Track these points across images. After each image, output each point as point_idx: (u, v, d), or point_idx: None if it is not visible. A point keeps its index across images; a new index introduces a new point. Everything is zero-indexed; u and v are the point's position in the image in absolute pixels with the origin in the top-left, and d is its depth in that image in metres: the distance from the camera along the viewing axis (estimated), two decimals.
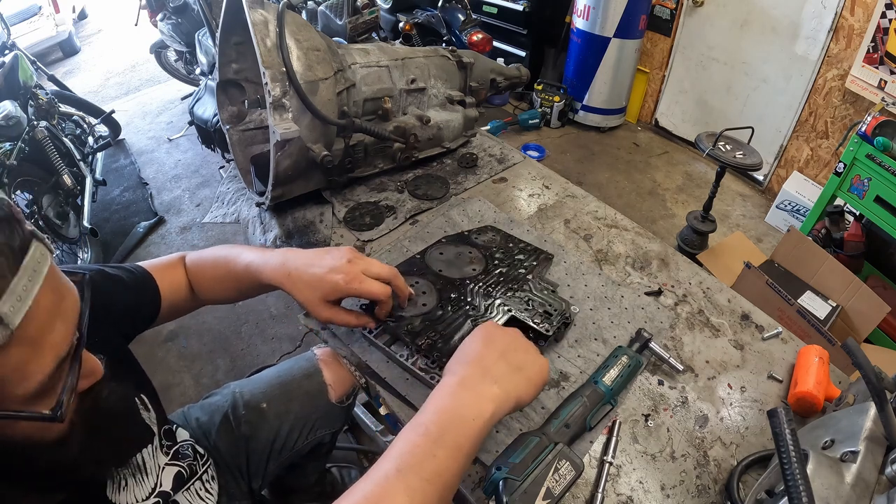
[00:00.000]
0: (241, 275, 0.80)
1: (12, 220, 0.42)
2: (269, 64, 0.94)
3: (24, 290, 0.41)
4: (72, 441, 0.52)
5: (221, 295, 0.87)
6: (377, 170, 1.24)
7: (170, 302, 0.82)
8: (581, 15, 3.43)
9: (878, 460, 0.57)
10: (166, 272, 0.82)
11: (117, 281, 0.74)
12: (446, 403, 0.55)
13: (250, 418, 0.99)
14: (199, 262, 0.85)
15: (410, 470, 0.49)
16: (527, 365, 0.62)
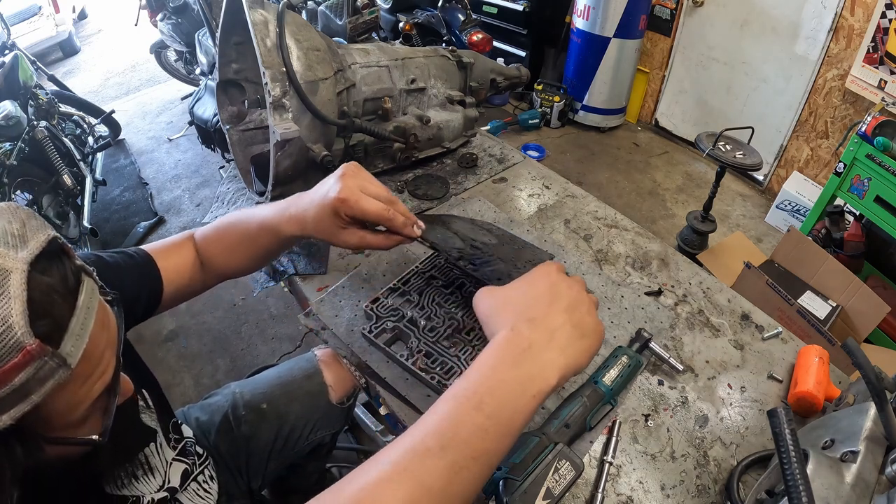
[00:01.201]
0: (255, 235, 0.75)
1: (63, 256, 0.43)
2: (269, 64, 0.93)
3: (81, 329, 0.41)
4: (101, 455, 0.52)
5: (237, 264, 0.81)
6: (377, 170, 1.24)
7: (175, 286, 0.77)
8: (581, 15, 3.43)
9: (878, 460, 0.57)
10: (171, 254, 0.78)
11: (116, 269, 0.70)
12: (508, 374, 0.45)
13: (250, 419, 0.99)
14: (210, 234, 0.81)
15: (457, 447, 0.42)
16: (589, 330, 0.51)
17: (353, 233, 0.70)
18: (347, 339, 0.87)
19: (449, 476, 0.41)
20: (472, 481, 0.42)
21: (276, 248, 0.79)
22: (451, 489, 0.41)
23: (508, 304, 0.51)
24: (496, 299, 0.53)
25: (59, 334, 0.39)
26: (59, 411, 0.43)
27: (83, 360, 0.42)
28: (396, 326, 0.84)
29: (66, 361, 0.39)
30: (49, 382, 0.39)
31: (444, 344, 0.82)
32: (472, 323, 0.85)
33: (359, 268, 1.02)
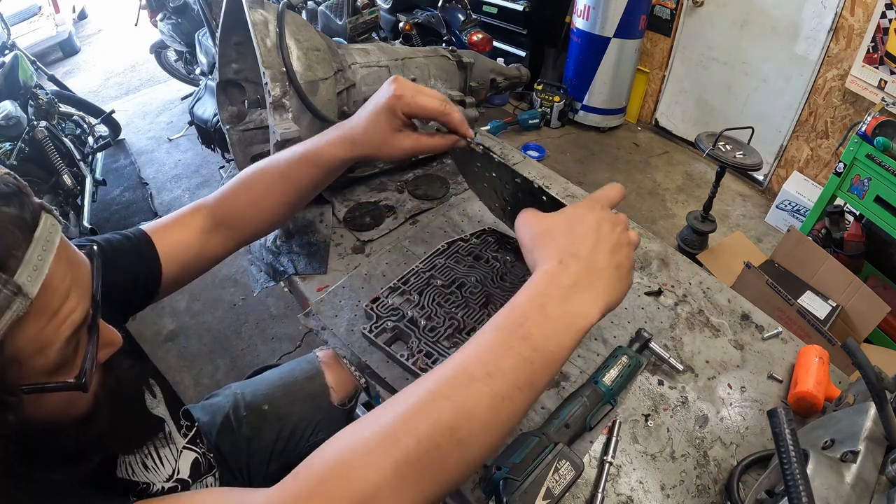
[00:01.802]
0: (290, 172, 0.71)
1: (21, 195, 0.42)
2: (269, 64, 0.94)
3: (39, 260, 0.41)
4: (98, 417, 0.51)
5: (268, 214, 0.76)
6: (377, 170, 1.24)
7: (180, 263, 0.73)
8: (581, 15, 3.43)
9: (878, 460, 0.57)
10: (173, 229, 0.73)
11: (110, 253, 0.67)
12: (556, 309, 0.45)
13: (252, 420, 0.99)
14: (228, 191, 0.75)
15: (503, 377, 0.42)
16: (626, 272, 0.51)
17: (407, 135, 0.68)
18: (347, 339, 0.87)
19: (493, 404, 0.41)
20: (514, 411, 0.42)
21: (315, 183, 0.74)
22: (494, 417, 0.41)
23: (554, 235, 0.51)
24: (540, 227, 0.52)
25: (13, 263, 0.39)
26: (28, 352, 0.42)
27: (44, 293, 0.41)
28: (396, 326, 0.84)
29: (22, 290, 0.39)
30: (7, 313, 0.38)
31: (444, 344, 0.82)
32: (473, 323, 0.85)
33: (359, 268, 1.02)
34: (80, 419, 0.50)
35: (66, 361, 0.46)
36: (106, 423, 0.52)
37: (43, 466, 0.48)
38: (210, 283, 2.56)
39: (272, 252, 1.10)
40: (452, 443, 0.40)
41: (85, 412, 0.51)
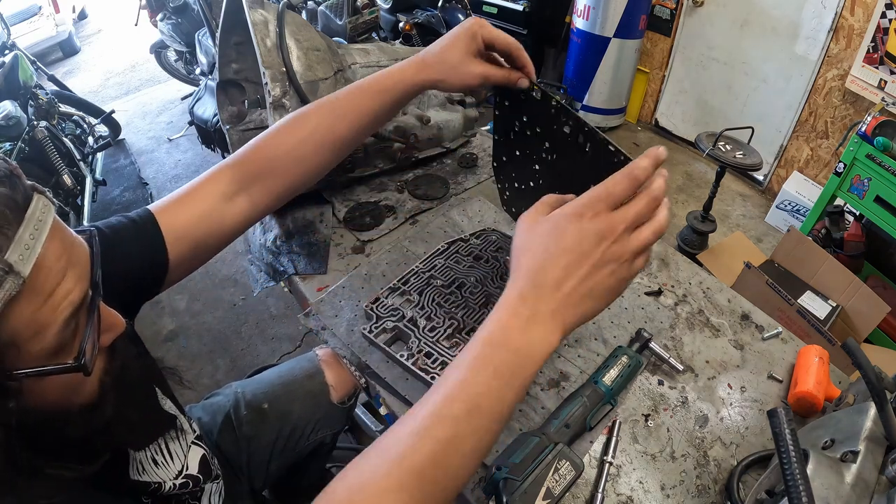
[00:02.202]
0: (350, 102, 0.68)
1: (12, 176, 0.42)
2: (269, 64, 0.94)
3: (31, 238, 0.40)
4: (104, 404, 0.51)
5: (310, 162, 0.71)
6: (377, 170, 1.24)
7: (191, 240, 0.67)
8: (581, 15, 3.43)
9: (878, 460, 0.57)
10: (183, 204, 0.67)
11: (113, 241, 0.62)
12: (519, 342, 0.47)
13: (252, 419, 0.99)
14: (266, 138, 0.70)
15: (481, 413, 0.45)
16: (604, 292, 0.49)
17: (479, 63, 0.69)
18: (347, 339, 0.87)
19: (476, 442, 0.46)
20: (492, 438, 0.47)
21: (376, 114, 0.71)
22: (477, 447, 0.46)
23: (531, 250, 0.50)
24: (528, 235, 0.51)
25: (3, 241, 0.39)
26: (25, 335, 0.42)
27: (38, 273, 0.41)
28: (396, 326, 0.84)
29: (14, 268, 0.38)
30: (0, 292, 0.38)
31: (444, 344, 0.82)
32: (473, 323, 0.85)
33: (359, 268, 1.02)
34: (85, 406, 0.50)
35: (66, 345, 0.45)
36: (112, 409, 0.51)
37: (51, 459, 0.48)
38: (210, 283, 2.56)
39: (272, 252, 1.10)
40: (444, 474, 0.45)
41: (90, 399, 0.50)
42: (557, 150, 0.70)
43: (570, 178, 0.70)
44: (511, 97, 0.74)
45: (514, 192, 0.86)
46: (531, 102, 0.71)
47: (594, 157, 0.63)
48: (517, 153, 0.78)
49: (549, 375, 0.83)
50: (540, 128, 0.71)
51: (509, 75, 0.70)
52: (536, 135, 0.73)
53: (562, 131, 0.67)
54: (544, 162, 0.74)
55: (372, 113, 0.71)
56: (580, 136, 0.64)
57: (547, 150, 0.72)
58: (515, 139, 0.77)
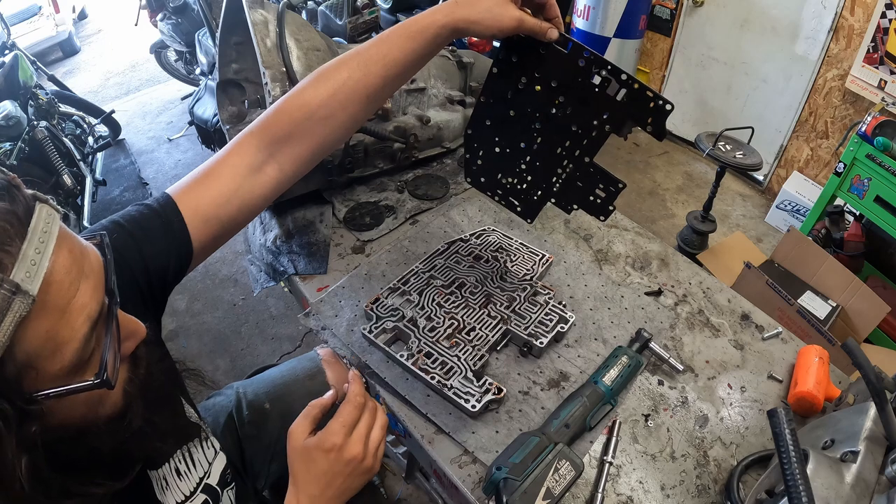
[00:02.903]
0: (380, 49, 0.65)
1: (11, 187, 0.40)
2: (269, 64, 0.94)
3: (36, 253, 0.38)
4: (132, 413, 0.49)
5: (343, 115, 0.68)
6: (377, 170, 1.24)
7: (218, 220, 0.65)
8: (581, 15, 3.43)
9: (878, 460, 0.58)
10: (207, 181, 0.65)
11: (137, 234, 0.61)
12: None
13: (253, 419, 0.99)
14: (294, 94, 0.67)
15: None
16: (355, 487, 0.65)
17: (514, 7, 0.65)
18: (347, 339, 0.88)
19: None
20: None
21: (407, 59, 0.67)
22: None
23: (299, 470, 0.63)
24: (294, 454, 0.63)
25: (7, 259, 0.36)
26: (43, 355, 0.39)
27: (48, 289, 0.38)
28: (396, 326, 0.84)
29: (21, 287, 0.36)
30: (8, 315, 0.36)
31: (444, 344, 0.82)
32: (473, 323, 0.85)
33: (359, 268, 1.02)
34: (112, 418, 0.48)
35: (86, 360, 0.43)
36: (140, 418, 0.50)
37: (80, 476, 0.46)
38: (210, 283, 2.56)
39: (272, 252, 1.10)
40: None
41: (116, 410, 0.48)
42: (573, 103, 0.72)
43: (580, 130, 0.74)
44: (523, 52, 0.71)
45: (490, 158, 0.83)
46: (551, 56, 0.69)
47: (629, 101, 0.68)
48: (511, 113, 0.77)
49: (549, 375, 0.83)
50: (557, 81, 0.71)
51: (542, 25, 0.66)
52: (550, 90, 0.72)
53: (588, 82, 0.69)
54: (549, 119, 0.75)
55: (402, 61, 0.67)
56: (614, 83, 0.68)
57: (560, 104, 0.73)
58: (514, 98, 0.75)
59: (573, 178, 0.79)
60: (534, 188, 0.83)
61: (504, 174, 0.84)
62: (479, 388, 0.76)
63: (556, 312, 0.87)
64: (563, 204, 0.83)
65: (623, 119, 0.71)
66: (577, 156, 0.76)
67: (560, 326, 0.85)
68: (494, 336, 0.84)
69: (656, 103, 0.67)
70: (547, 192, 0.83)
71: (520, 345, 0.85)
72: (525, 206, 0.87)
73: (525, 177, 0.83)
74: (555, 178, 0.80)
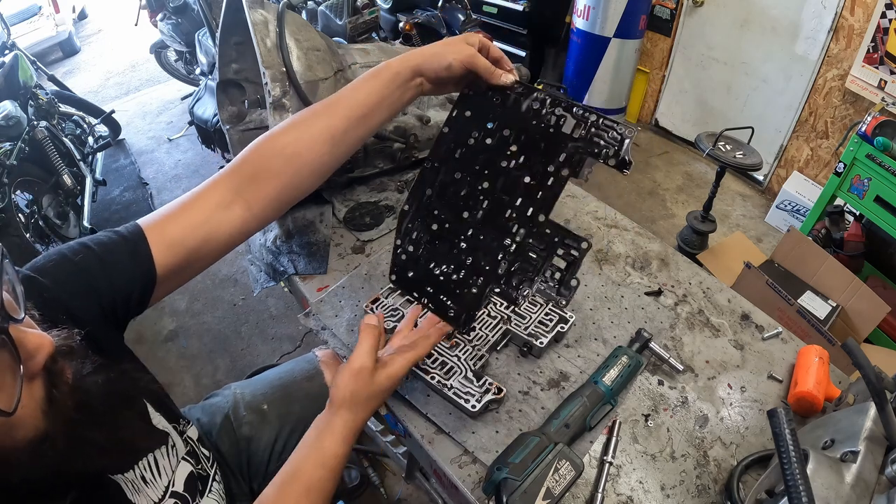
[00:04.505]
0: (354, 91, 0.68)
1: None
2: (269, 64, 0.94)
3: None
4: (54, 435, 0.45)
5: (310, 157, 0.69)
6: (377, 170, 1.24)
7: (185, 252, 0.65)
8: (581, 15, 3.43)
9: (878, 460, 0.58)
10: (179, 218, 0.65)
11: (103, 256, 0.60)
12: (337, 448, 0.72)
13: (251, 419, 0.99)
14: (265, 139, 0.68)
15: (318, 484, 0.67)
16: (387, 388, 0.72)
17: (469, 47, 0.67)
18: (347, 339, 0.88)
19: None
20: None
21: (372, 105, 0.69)
22: None
23: (354, 395, 0.71)
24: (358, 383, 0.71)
25: None
26: None
27: None
28: (396, 326, 0.84)
29: None
30: None
31: (444, 344, 0.82)
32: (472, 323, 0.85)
33: (359, 268, 1.02)
34: (32, 442, 0.44)
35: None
36: (65, 437, 0.46)
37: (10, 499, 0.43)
38: (210, 283, 2.56)
39: (272, 252, 1.10)
40: None
41: (39, 433, 0.45)
42: (525, 150, 0.65)
43: (534, 181, 0.65)
44: (477, 105, 0.69)
45: (423, 240, 0.70)
46: (504, 103, 0.67)
47: (588, 137, 0.63)
48: (456, 176, 0.68)
49: (549, 375, 0.83)
50: (510, 129, 0.66)
51: (493, 69, 0.67)
52: (502, 140, 0.66)
53: (541, 125, 0.65)
54: (498, 174, 0.66)
55: (364, 101, 0.69)
56: (569, 119, 0.64)
57: (511, 154, 0.66)
58: (462, 157, 0.69)
59: (524, 248, 0.65)
60: (473, 275, 0.66)
61: (438, 261, 0.68)
62: (479, 388, 0.76)
63: (556, 312, 0.87)
64: (509, 291, 0.65)
65: (581, 158, 0.63)
66: (529, 216, 0.65)
67: (560, 326, 0.85)
68: (494, 336, 0.84)
69: (616, 132, 0.61)
70: (488, 278, 0.65)
71: (520, 345, 0.85)
72: (459, 306, 0.67)
73: (464, 260, 0.67)
74: (501, 254, 0.64)
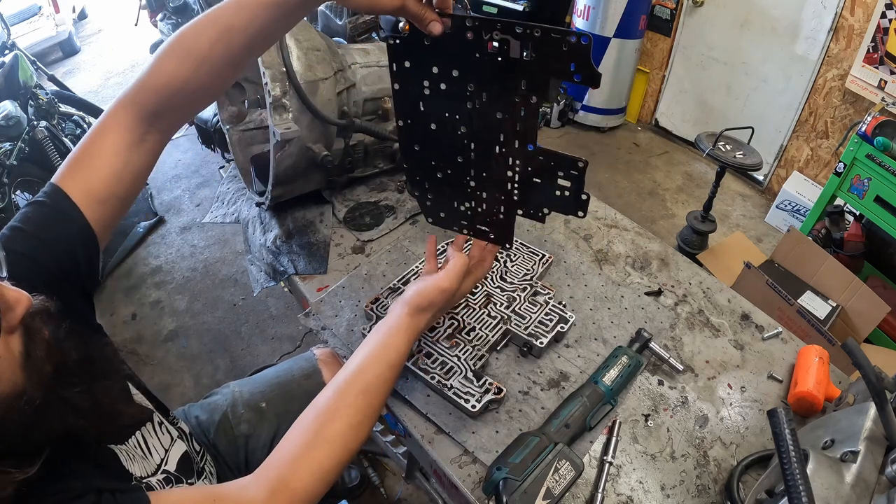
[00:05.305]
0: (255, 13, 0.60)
1: None
2: (269, 64, 0.94)
3: None
4: (31, 392, 0.47)
5: (217, 82, 0.66)
6: (377, 170, 1.24)
7: (111, 194, 0.63)
8: (581, 15, 3.43)
9: (878, 460, 0.58)
10: (85, 164, 0.63)
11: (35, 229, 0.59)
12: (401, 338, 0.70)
13: (249, 418, 0.99)
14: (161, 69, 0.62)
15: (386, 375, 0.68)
16: None
17: None
18: (347, 339, 0.88)
19: None
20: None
21: (276, 30, 0.64)
22: None
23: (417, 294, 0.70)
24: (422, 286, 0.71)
25: None
26: None
27: None
28: None
29: None
30: None
31: (444, 344, 0.82)
32: (473, 323, 0.85)
33: (359, 268, 1.02)
34: (11, 395, 0.46)
35: None
36: (41, 390, 0.48)
37: None
38: (210, 283, 2.56)
39: (272, 252, 1.10)
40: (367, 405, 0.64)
41: (17, 388, 0.46)
42: (484, 86, 0.61)
43: (505, 114, 0.62)
44: (412, 53, 0.64)
45: (437, 187, 0.74)
46: (440, 45, 0.61)
47: (540, 55, 0.58)
48: (432, 127, 0.67)
49: (549, 375, 0.83)
50: (458, 69, 0.61)
51: (426, 14, 0.61)
52: (456, 82, 0.62)
53: (487, 56, 0.59)
54: (470, 117, 0.64)
55: (267, 31, 0.63)
56: (513, 42, 0.59)
57: (472, 94, 0.62)
58: (427, 109, 0.66)
59: (527, 176, 0.66)
60: (494, 205, 0.71)
61: (459, 200, 0.73)
62: (479, 388, 0.76)
63: (556, 312, 0.87)
64: (532, 212, 0.69)
65: (544, 79, 0.58)
66: (517, 148, 0.64)
67: (560, 326, 0.85)
68: (494, 336, 0.84)
69: (569, 42, 0.55)
70: (509, 205, 0.70)
71: (520, 345, 0.85)
72: (497, 230, 0.73)
73: (479, 195, 0.70)
74: (509, 184, 0.67)
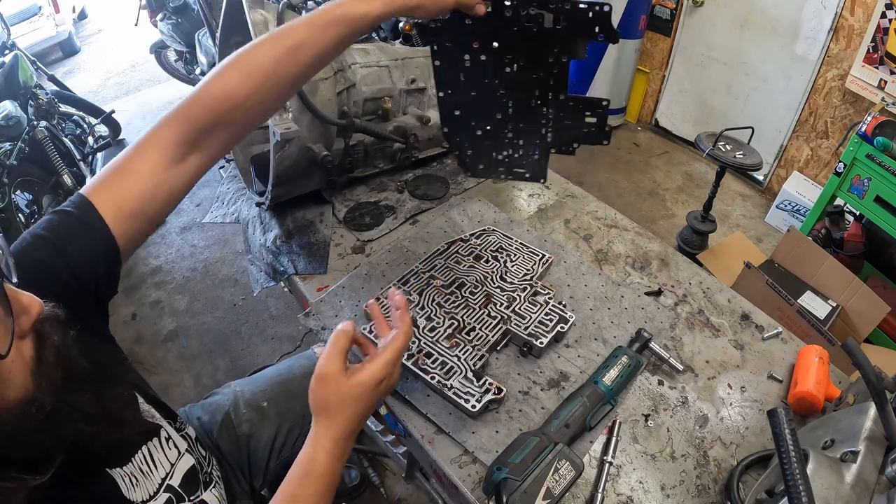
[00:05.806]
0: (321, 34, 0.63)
1: None
2: None
3: None
4: (42, 397, 0.47)
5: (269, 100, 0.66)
6: (377, 170, 1.24)
7: (140, 209, 0.62)
8: None
9: (878, 460, 0.58)
10: (120, 177, 0.61)
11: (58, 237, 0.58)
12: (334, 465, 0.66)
13: (251, 417, 0.99)
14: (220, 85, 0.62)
15: None
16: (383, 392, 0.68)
17: None
18: None
19: None
20: None
21: (336, 50, 0.67)
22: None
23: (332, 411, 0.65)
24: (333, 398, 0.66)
25: None
26: None
27: None
28: None
29: None
30: None
31: (444, 344, 0.82)
32: (473, 323, 0.85)
33: (359, 268, 1.02)
34: (21, 402, 0.46)
35: None
36: (52, 396, 0.47)
37: None
38: (210, 283, 2.56)
39: (272, 252, 1.10)
40: None
41: (27, 394, 0.46)
42: (521, 55, 0.75)
43: (541, 73, 0.77)
44: (453, 32, 0.73)
45: (477, 143, 0.85)
46: (480, 23, 0.71)
47: (569, 24, 0.72)
48: (473, 94, 0.79)
49: (549, 375, 0.83)
50: (498, 42, 0.73)
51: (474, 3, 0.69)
52: (496, 54, 0.74)
53: (524, 28, 0.72)
54: (509, 80, 0.77)
55: (332, 50, 0.66)
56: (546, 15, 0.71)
57: (511, 61, 0.75)
58: (467, 79, 0.77)
59: (559, 119, 0.81)
60: (530, 149, 0.84)
61: (497, 150, 0.85)
62: (479, 388, 0.76)
63: (556, 312, 0.87)
64: (564, 148, 0.83)
65: (574, 42, 0.75)
66: (551, 98, 0.79)
67: (560, 326, 0.85)
68: (494, 336, 0.84)
69: (594, 11, 0.70)
70: (544, 146, 0.84)
71: (520, 345, 0.85)
72: (531, 169, 0.87)
73: (517, 143, 0.84)
74: (543, 129, 0.82)
